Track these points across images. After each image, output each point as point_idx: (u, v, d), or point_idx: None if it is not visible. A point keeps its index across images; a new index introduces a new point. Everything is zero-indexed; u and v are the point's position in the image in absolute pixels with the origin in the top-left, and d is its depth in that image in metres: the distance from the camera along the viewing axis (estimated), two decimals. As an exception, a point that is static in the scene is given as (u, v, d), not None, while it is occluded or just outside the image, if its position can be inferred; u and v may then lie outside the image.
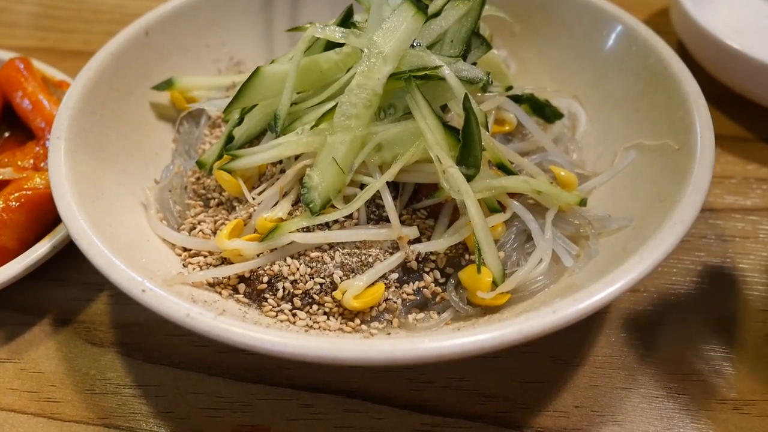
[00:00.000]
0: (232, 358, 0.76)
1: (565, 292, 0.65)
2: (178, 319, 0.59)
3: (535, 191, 0.74)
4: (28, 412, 0.73)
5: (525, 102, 0.85)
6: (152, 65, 0.91)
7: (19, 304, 0.82)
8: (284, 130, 0.75)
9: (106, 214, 0.73)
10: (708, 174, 0.69)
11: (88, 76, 0.82)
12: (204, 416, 0.72)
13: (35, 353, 0.78)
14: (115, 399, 0.74)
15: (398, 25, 0.72)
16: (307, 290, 0.70)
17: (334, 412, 0.72)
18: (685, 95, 0.77)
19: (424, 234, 0.73)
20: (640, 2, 1.23)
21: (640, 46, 0.84)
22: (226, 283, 0.73)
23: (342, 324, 0.69)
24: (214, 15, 0.97)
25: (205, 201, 0.81)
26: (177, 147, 0.89)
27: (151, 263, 0.71)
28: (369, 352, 0.55)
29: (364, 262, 0.71)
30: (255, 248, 0.71)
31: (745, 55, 0.95)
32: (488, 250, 0.69)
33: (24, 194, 0.80)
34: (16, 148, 0.91)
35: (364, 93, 0.70)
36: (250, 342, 0.57)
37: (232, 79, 0.93)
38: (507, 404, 0.72)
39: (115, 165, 0.81)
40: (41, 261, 0.78)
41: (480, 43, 0.80)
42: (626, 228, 0.73)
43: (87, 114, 0.80)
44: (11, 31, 1.28)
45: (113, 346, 0.78)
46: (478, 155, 0.70)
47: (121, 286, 0.62)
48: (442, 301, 0.72)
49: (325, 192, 0.71)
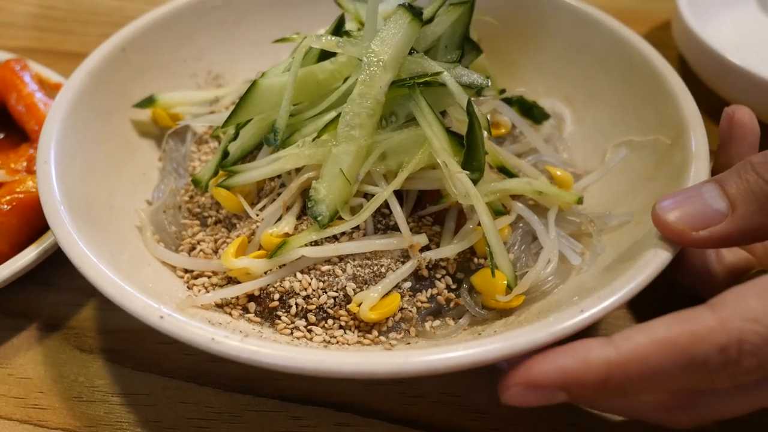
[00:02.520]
0: (222, 368, 0.75)
1: (582, 291, 0.66)
2: (202, 344, 0.57)
3: (537, 192, 0.74)
4: (13, 418, 0.72)
5: (515, 104, 0.86)
6: (131, 82, 0.88)
7: (8, 309, 0.80)
8: (283, 143, 0.74)
9: (104, 239, 0.70)
10: (706, 166, 0.71)
11: (68, 99, 0.78)
12: (193, 426, 0.71)
13: (23, 359, 0.77)
14: (102, 407, 0.72)
15: (395, 33, 0.71)
16: (321, 305, 0.69)
17: (323, 425, 0.71)
18: (671, 91, 0.79)
19: (432, 241, 0.73)
20: (642, 16, 1.23)
21: (623, 46, 0.86)
22: (235, 303, 0.71)
23: (360, 337, 0.68)
24: (188, 29, 0.95)
25: (202, 220, 0.79)
26: (164, 165, 0.86)
27: (158, 287, 0.68)
28: (407, 365, 0.55)
29: (376, 273, 0.70)
30: (264, 265, 0.70)
31: (745, 71, 0.95)
32: (500, 253, 0.69)
33: (16, 197, 0.78)
34: (10, 150, 0.89)
35: (366, 102, 0.70)
36: (283, 363, 0.55)
37: (214, 93, 0.91)
38: (498, 421, 0.71)
39: (103, 188, 0.78)
40: (31, 265, 0.76)
41: (471, 48, 0.81)
42: (628, 224, 0.74)
43: (70, 137, 0.76)
44: (8, 32, 1.26)
45: (102, 352, 0.77)
46: (481, 159, 0.70)
47: (137, 314, 0.59)
48: (456, 306, 0.72)
49: (332, 204, 0.70)
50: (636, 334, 0.53)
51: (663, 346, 0.52)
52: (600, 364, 0.53)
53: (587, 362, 0.53)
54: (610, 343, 0.54)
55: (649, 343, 0.53)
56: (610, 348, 0.53)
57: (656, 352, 0.52)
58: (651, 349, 0.52)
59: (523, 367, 0.55)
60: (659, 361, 0.52)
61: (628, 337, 0.54)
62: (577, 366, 0.54)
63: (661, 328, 0.53)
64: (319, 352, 0.57)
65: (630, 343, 0.53)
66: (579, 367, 0.54)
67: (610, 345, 0.54)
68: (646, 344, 0.53)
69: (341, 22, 0.80)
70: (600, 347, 0.54)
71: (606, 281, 0.62)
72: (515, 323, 0.67)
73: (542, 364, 0.54)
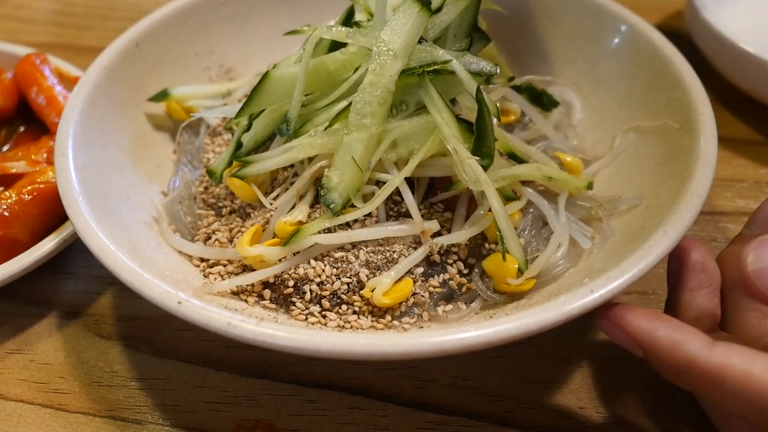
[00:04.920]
0: (238, 354, 0.76)
1: (591, 273, 0.67)
2: (219, 328, 0.58)
3: (547, 177, 0.75)
4: (35, 402, 0.74)
5: (524, 92, 0.86)
6: (145, 77, 0.89)
7: (29, 297, 0.83)
8: (295, 133, 0.75)
9: (122, 229, 0.71)
10: (714, 148, 0.71)
11: (86, 91, 0.80)
12: (209, 410, 0.73)
13: (44, 345, 0.79)
14: (121, 391, 0.74)
15: (405, 23, 0.72)
16: (335, 291, 0.70)
17: (337, 408, 0.72)
18: (679, 75, 0.79)
19: (444, 227, 0.74)
20: (654, 5, 1.23)
21: (629, 32, 0.87)
22: (251, 290, 0.72)
23: (373, 322, 0.69)
24: (200, 23, 0.96)
25: (217, 210, 0.80)
26: (179, 158, 0.87)
27: (175, 276, 0.70)
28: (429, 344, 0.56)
29: (389, 259, 0.71)
30: (278, 253, 0.71)
31: (759, 59, 0.94)
32: (510, 238, 0.70)
33: (37, 187, 0.80)
34: (30, 142, 0.92)
35: (377, 90, 0.71)
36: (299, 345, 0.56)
37: (226, 86, 0.92)
38: (511, 404, 0.72)
39: (120, 180, 0.79)
40: (52, 254, 0.78)
41: (480, 37, 0.81)
42: (637, 207, 0.75)
43: (87, 129, 0.78)
44: (28, 27, 1.30)
45: (121, 339, 0.79)
46: (491, 146, 0.71)
47: (155, 300, 0.61)
48: (467, 291, 0.73)
49: (345, 192, 0.71)
50: (735, 356, 0.55)
51: (749, 382, 0.54)
52: (685, 358, 0.56)
53: (677, 348, 0.56)
54: (709, 347, 0.56)
55: (740, 371, 0.54)
56: (705, 351, 0.55)
57: (739, 383, 0.54)
58: (738, 377, 0.54)
59: (626, 310, 0.59)
60: (735, 390, 0.54)
61: (728, 353, 0.55)
62: (666, 345, 0.57)
63: (761, 366, 0.54)
64: (333, 334, 0.58)
65: (725, 360, 0.55)
66: (667, 347, 0.57)
67: (708, 349, 0.56)
68: (737, 369, 0.54)
69: (351, 13, 0.81)
70: (698, 344, 0.56)
71: (615, 263, 0.63)
72: (526, 306, 0.68)
73: (643, 321, 0.58)
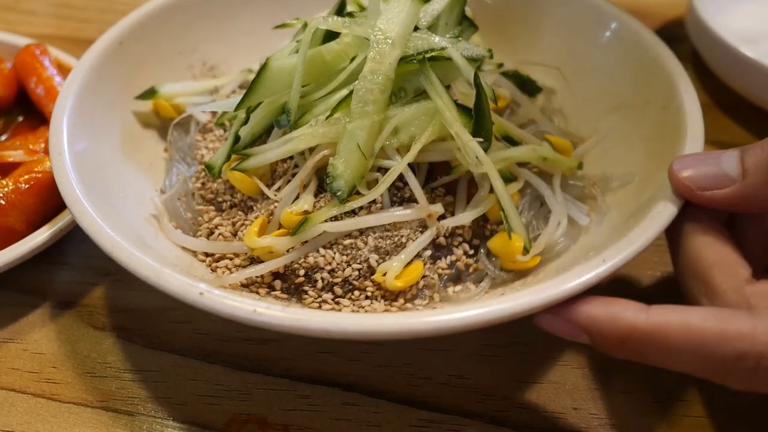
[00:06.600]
0: (232, 347, 0.77)
1: (593, 248, 0.69)
2: (243, 317, 0.58)
3: (542, 158, 0.77)
4: (27, 392, 0.73)
5: (510, 78, 0.89)
6: (130, 75, 0.88)
7: (24, 286, 0.82)
8: (294, 124, 0.75)
9: (128, 227, 0.70)
10: (700, 124, 0.74)
11: (75, 92, 0.78)
12: (202, 403, 0.72)
13: (37, 334, 0.78)
14: (114, 383, 0.74)
15: (399, 11, 0.74)
16: (346, 277, 0.71)
17: (331, 404, 0.73)
18: (659, 58, 0.82)
19: (447, 210, 0.75)
20: (655, 10, 1.24)
21: (608, 19, 0.90)
22: (261, 282, 0.72)
23: (387, 306, 0.70)
24: (180, 21, 0.95)
25: (217, 205, 0.80)
26: (171, 155, 0.86)
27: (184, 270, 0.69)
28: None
29: (397, 243, 0.72)
30: (287, 243, 0.71)
31: (759, 64, 0.96)
32: (513, 217, 0.72)
33: (34, 177, 0.80)
34: (28, 132, 0.91)
35: (378, 78, 0.72)
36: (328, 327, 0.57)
37: (213, 83, 0.92)
38: (505, 403, 0.73)
39: (116, 179, 0.78)
40: (47, 243, 0.78)
41: (468, 25, 0.83)
42: (630, 184, 0.78)
43: (78, 129, 0.77)
44: (29, 19, 1.28)
45: (115, 330, 0.78)
46: (490, 128, 0.73)
47: (175, 293, 0.60)
48: (475, 271, 0.74)
49: (350, 179, 0.72)
50: (671, 312, 0.57)
51: (689, 333, 0.55)
52: (625, 326, 0.57)
53: (615, 320, 0.57)
54: (644, 311, 0.57)
55: (677, 325, 0.56)
56: (642, 315, 0.57)
57: (680, 336, 0.55)
58: (677, 331, 0.56)
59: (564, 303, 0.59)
60: (679, 344, 0.55)
61: (664, 312, 0.57)
62: (604, 319, 0.58)
63: (697, 317, 0.56)
64: (360, 315, 0.59)
65: (661, 318, 0.56)
66: (606, 321, 0.58)
67: (643, 312, 0.57)
68: (675, 324, 0.56)
69: (343, 5, 0.82)
70: (634, 311, 0.57)
71: (621, 234, 0.65)
72: (534, 282, 0.70)
73: (579, 304, 0.58)
